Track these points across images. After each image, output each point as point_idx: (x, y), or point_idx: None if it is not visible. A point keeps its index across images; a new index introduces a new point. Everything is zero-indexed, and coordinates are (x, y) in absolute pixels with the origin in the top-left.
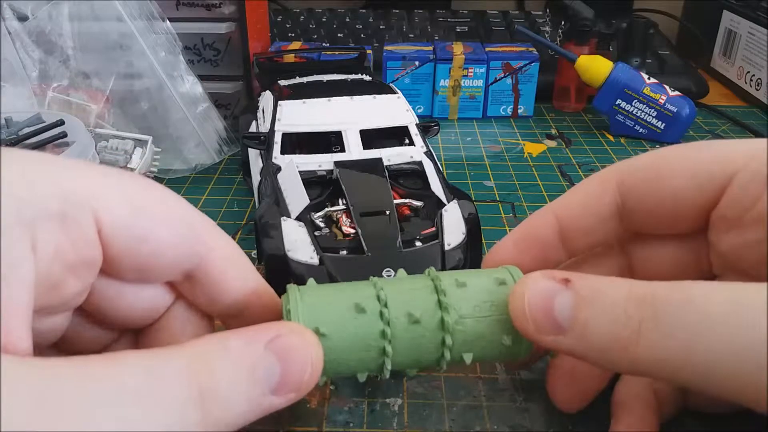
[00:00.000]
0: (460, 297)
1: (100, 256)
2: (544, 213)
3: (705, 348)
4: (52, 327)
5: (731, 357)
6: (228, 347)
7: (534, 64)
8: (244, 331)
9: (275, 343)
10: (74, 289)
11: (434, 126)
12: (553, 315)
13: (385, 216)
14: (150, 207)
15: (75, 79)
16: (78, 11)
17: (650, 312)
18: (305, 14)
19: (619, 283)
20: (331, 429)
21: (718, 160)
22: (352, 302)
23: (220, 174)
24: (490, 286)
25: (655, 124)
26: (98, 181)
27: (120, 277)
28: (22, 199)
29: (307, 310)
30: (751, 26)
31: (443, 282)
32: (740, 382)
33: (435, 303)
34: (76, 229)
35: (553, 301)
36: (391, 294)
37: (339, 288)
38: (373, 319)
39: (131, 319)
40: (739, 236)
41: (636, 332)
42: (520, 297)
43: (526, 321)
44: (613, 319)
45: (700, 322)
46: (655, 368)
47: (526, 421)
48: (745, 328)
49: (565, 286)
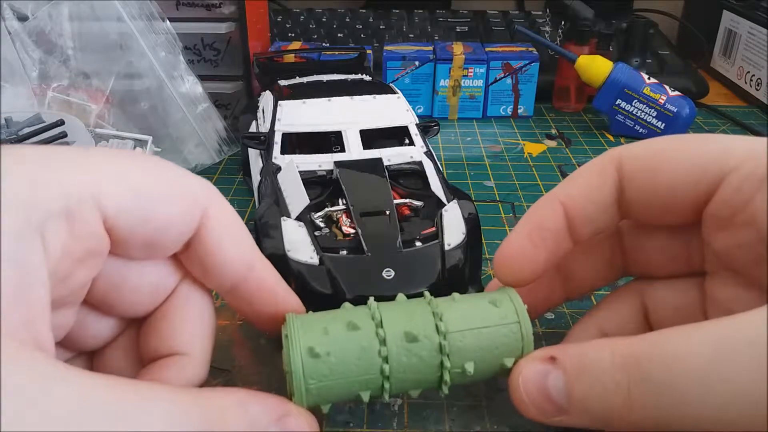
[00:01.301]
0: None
1: (106, 246)
2: (551, 202)
3: (691, 401)
4: (61, 322)
5: (719, 409)
6: (246, 411)
7: (534, 64)
8: (263, 399)
9: (284, 421)
10: (82, 279)
11: (434, 126)
12: (550, 397)
13: (385, 216)
14: (152, 186)
15: (75, 79)
16: (78, 11)
17: (636, 375)
18: (305, 14)
19: (601, 348)
20: (331, 429)
21: (715, 156)
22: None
23: (220, 174)
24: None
25: (655, 124)
26: (99, 169)
27: (127, 256)
28: (28, 202)
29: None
30: (751, 26)
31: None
32: (730, 428)
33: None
34: (81, 224)
35: (547, 383)
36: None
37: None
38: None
39: (136, 303)
40: (732, 236)
41: (627, 398)
42: (516, 383)
43: (528, 408)
44: (604, 388)
45: (680, 377)
46: (651, 425)
47: (526, 421)
48: (726, 378)
49: (553, 365)
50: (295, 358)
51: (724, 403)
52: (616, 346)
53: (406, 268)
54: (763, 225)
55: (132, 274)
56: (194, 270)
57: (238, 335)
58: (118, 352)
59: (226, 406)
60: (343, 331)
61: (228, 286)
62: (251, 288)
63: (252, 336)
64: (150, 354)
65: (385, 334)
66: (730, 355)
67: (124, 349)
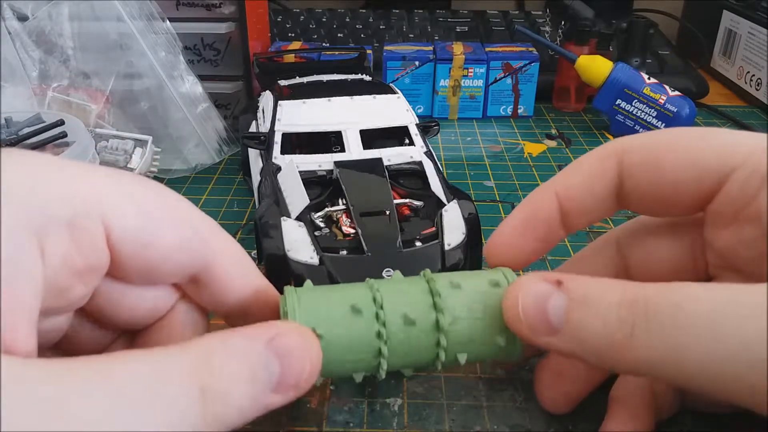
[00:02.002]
0: (455, 298)
1: (107, 262)
2: (546, 191)
3: (696, 350)
4: (54, 327)
5: (722, 358)
6: (229, 345)
7: (534, 64)
8: (245, 329)
9: (275, 342)
10: (80, 293)
11: (434, 126)
12: (547, 316)
13: (385, 216)
14: (157, 212)
15: (75, 79)
16: (78, 11)
17: (642, 315)
18: (305, 14)
19: (612, 285)
20: (331, 429)
21: (719, 152)
22: (348, 303)
23: (220, 174)
24: (484, 288)
25: (655, 124)
26: (106, 186)
27: (126, 280)
28: (31, 205)
29: (304, 312)
30: (751, 26)
31: (438, 283)
32: (733, 383)
33: (430, 305)
34: (84, 236)
35: (547, 302)
36: (386, 296)
37: (335, 289)
38: (368, 320)
39: (133, 320)
40: (735, 233)
41: (629, 336)
42: (514, 299)
43: (519, 322)
44: (606, 322)
45: (689, 325)
46: (648, 370)
47: (526, 421)
48: (733, 328)
49: (558, 288)
50: (291, 296)
51: (728, 355)
52: (628, 285)
53: (406, 268)
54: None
55: (131, 292)
56: (202, 301)
57: None
58: None
59: (211, 348)
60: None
61: (237, 313)
62: (259, 313)
63: None
64: None
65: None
66: (741, 311)
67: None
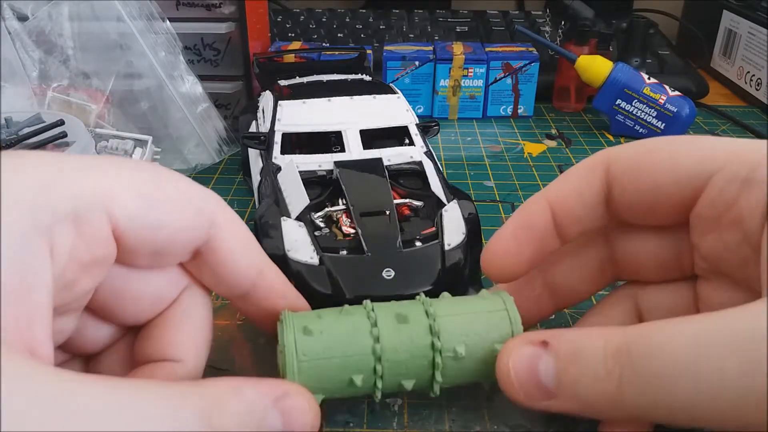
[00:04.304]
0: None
1: (113, 253)
2: (539, 201)
3: (681, 392)
4: (62, 328)
5: (706, 398)
6: (242, 395)
7: (534, 64)
8: (257, 382)
9: (283, 402)
10: (87, 286)
11: (434, 126)
12: (540, 381)
13: (385, 216)
14: (161, 195)
15: (75, 79)
16: (78, 11)
17: (627, 364)
18: (305, 14)
19: (595, 336)
20: (331, 429)
21: (699, 157)
22: (348, 375)
23: (220, 174)
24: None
25: (655, 124)
26: (109, 176)
27: (133, 264)
28: (36, 205)
29: (305, 379)
30: (751, 26)
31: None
32: (720, 419)
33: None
34: (89, 230)
35: (537, 366)
36: (388, 366)
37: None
38: (368, 388)
39: (137, 312)
40: (718, 239)
41: (618, 386)
42: (505, 367)
43: (516, 393)
44: (595, 376)
45: (671, 369)
46: (642, 414)
47: (526, 421)
48: (717, 369)
49: (546, 349)
50: (289, 336)
51: (712, 394)
52: (609, 334)
53: (406, 268)
54: (749, 226)
55: (134, 283)
56: (204, 279)
57: (237, 335)
58: (114, 356)
59: (221, 393)
60: (336, 315)
61: (240, 292)
62: (261, 292)
63: (252, 336)
64: (144, 359)
65: (376, 317)
66: (719, 347)
67: (120, 353)
